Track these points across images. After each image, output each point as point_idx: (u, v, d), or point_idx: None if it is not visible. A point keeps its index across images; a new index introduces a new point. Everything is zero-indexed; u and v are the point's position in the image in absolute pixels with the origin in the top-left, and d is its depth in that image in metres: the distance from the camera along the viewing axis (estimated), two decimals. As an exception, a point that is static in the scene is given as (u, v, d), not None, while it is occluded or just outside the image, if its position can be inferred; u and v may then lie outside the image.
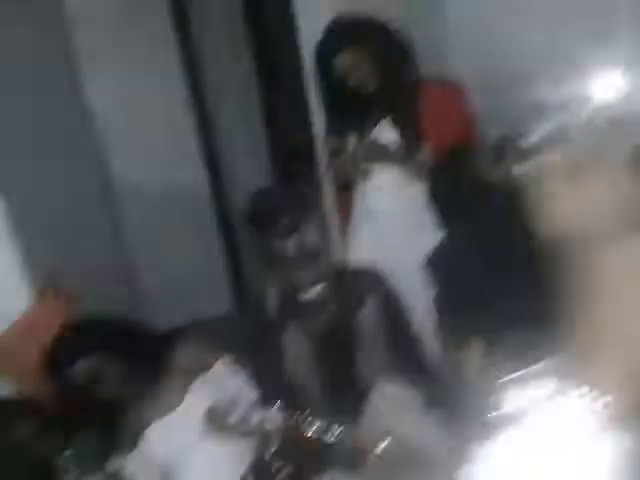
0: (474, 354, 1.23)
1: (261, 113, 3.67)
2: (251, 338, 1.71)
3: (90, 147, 3.34)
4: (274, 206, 1.53)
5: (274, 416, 1.10)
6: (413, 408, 1.59)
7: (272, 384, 1.68)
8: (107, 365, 1.76)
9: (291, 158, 3.30)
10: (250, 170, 3.53)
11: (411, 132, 1.97)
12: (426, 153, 1.96)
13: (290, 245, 1.53)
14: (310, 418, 1.22)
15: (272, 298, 1.70)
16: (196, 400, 1.76)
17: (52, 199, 2.86)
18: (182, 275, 3.47)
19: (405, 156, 1.98)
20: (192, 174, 3.63)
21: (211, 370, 1.88)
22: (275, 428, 1.08)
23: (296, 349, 1.67)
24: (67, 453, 1.68)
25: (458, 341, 1.28)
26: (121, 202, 3.51)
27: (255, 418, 1.10)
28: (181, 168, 3.55)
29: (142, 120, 3.40)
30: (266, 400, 1.69)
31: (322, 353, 1.68)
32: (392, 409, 1.54)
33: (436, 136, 1.94)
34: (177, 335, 1.97)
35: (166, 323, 2.27)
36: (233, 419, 1.10)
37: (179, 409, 1.80)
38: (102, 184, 3.38)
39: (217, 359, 1.89)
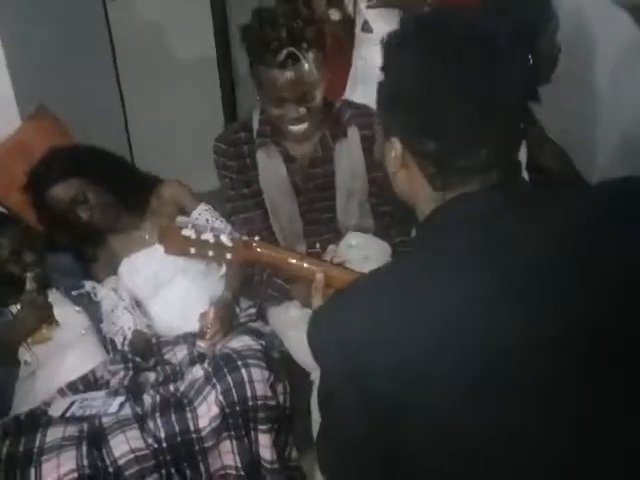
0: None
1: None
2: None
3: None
4: (280, 34, 1.43)
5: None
6: (377, 257, 1.62)
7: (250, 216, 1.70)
8: (89, 192, 1.76)
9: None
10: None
11: None
12: None
13: (287, 82, 1.47)
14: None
15: (256, 121, 1.67)
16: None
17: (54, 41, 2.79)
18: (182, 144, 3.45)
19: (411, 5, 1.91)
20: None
21: (193, 212, 1.90)
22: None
23: (270, 170, 1.66)
24: (34, 272, 1.71)
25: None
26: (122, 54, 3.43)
27: (223, 238, 1.11)
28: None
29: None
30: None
31: (300, 183, 1.69)
32: (357, 258, 1.57)
33: None
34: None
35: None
36: (204, 237, 1.11)
37: (157, 245, 1.82)
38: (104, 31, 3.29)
39: (199, 202, 1.91)
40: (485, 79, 0.75)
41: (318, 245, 1.72)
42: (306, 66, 1.46)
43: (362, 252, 1.62)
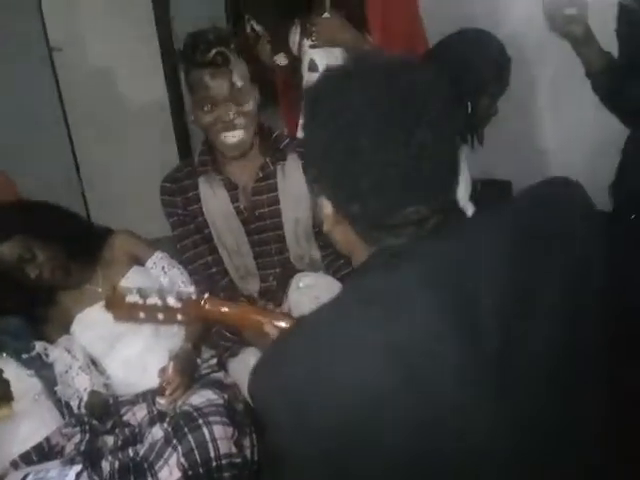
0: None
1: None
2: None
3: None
4: (213, 37, 1.52)
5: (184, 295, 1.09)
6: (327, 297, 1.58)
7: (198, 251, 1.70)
8: (36, 248, 1.69)
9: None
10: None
11: (356, 19, 1.93)
12: (368, 42, 1.94)
13: (218, 82, 1.51)
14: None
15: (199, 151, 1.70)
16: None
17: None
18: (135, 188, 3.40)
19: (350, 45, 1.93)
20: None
21: (147, 261, 1.84)
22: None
23: (212, 199, 1.66)
24: None
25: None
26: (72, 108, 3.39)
27: (170, 301, 1.08)
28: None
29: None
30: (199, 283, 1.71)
31: (245, 212, 1.68)
32: (308, 299, 1.54)
33: (381, 24, 1.92)
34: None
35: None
36: (150, 301, 1.08)
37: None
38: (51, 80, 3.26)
39: (154, 251, 1.86)
40: (409, 141, 0.72)
41: (272, 278, 1.70)
42: (236, 68, 1.52)
43: (312, 292, 1.59)
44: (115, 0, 3.31)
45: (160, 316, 1.10)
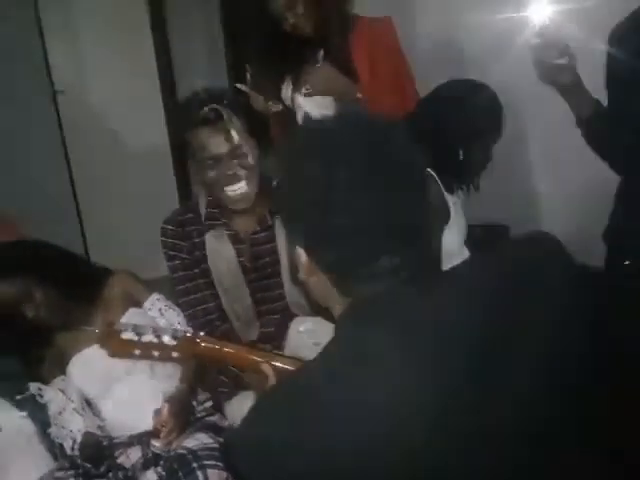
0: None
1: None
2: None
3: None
4: (206, 96, 1.55)
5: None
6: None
7: (200, 300, 1.71)
8: (35, 288, 1.70)
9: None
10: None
11: (346, 69, 1.99)
12: (358, 90, 1.98)
13: (216, 138, 1.52)
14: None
15: (203, 204, 1.70)
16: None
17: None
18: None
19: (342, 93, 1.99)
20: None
21: (145, 303, 1.85)
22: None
23: (219, 252, 1.67)
24: None
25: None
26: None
27: (165, 338, 1.09)
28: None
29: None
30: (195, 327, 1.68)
31: (248, 263, 1.69)
32: (307, 344, 1.54)
33: (368, 71, 1.97)
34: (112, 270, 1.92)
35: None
36: (145, 338, 1.09)
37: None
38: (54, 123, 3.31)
39: (151, 293, 1.86)
40: (381, 190, 0.75)
41: (271, 325, 1.70)
42: (232, 124, 1.52)
43: (311, 338, 1.59)
44: (118, 44, 3.40)
45: (155, 353, 1.11)
